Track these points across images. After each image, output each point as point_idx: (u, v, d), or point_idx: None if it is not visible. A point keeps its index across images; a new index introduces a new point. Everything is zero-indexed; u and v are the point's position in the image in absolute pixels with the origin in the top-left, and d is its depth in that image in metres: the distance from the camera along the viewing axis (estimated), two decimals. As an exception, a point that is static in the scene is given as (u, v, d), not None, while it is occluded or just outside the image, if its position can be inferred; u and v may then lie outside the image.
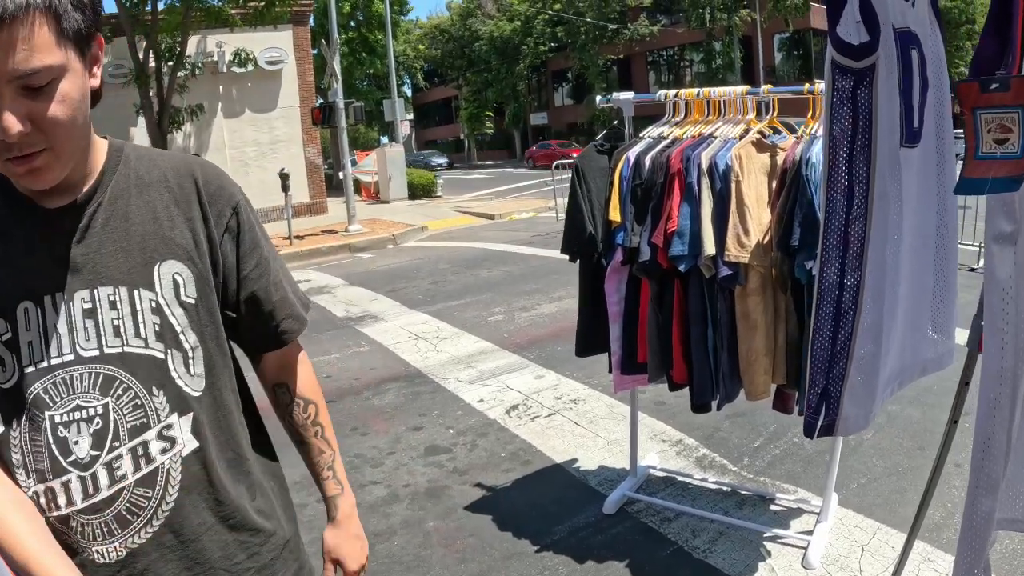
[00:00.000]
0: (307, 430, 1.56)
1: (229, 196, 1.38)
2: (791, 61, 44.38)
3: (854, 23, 1.28)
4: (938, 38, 1.64)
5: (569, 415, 5.15)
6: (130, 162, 1.32)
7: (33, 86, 1.07)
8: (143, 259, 1.26)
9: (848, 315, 1.40)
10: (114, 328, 1.23)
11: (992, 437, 1.24)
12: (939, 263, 1.71)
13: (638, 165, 3.32)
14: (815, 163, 2.93)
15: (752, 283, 3.12)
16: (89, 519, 1.21)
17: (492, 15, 52.65)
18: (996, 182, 1.06)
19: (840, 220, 1.36)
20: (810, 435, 1.54)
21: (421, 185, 25.66)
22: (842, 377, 1.45)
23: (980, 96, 1.05)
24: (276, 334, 1.46)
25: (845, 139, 1.32)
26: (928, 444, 4.27)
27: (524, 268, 10.98)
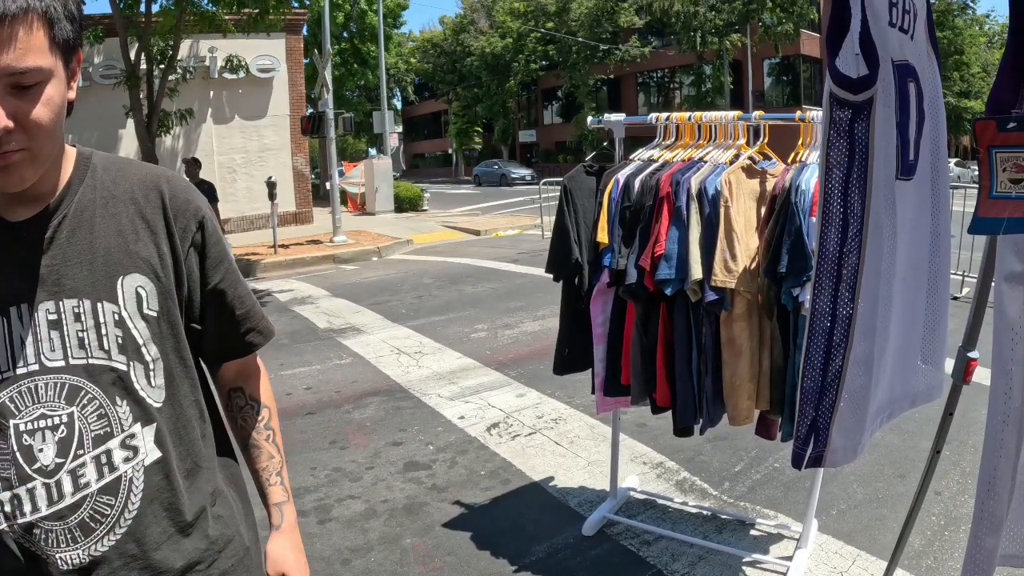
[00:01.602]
0: (260, 433, 1.55)
1: (195, 210, 1.39)
2: (780, 86, 44.76)
3: (853, 56, 1.28)
4: (935, 71, 1.65)
5: (550, 435, 5.13)
6: (97, 173, 1.33)
7: (22, 84, 1.10)
8: (107, 272, 1.28)
9: (840, 347, 1.40)
10: (79, 340, 1.25)
11: (996, 477, 1.25)
12: (931, 295, 1.72)
13: (627, 187, 3.32)
14: (805, 191, 2.94)
15: (738, 309, 3.12)
16: (53, 526, 1.22)
17: (485, 31, 52.84)
18: (1012, 222, 1.06)
19: (834, 252, 1.36)
20: (798, 466, 1.53)
21: (408, 198, 25.67)
22: (831, 409, 1.45)
23: (997, 135, 1.05)
24: (243, 344, 1.49)
25: (841, 171, 1.32)
26: (909, 472, 4.28)
27: (509, 285, 10.97)
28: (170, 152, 18.19)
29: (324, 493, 4.34)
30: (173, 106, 14.38)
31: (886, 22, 1.36)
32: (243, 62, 17.30)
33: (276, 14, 14.12)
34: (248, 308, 1.48)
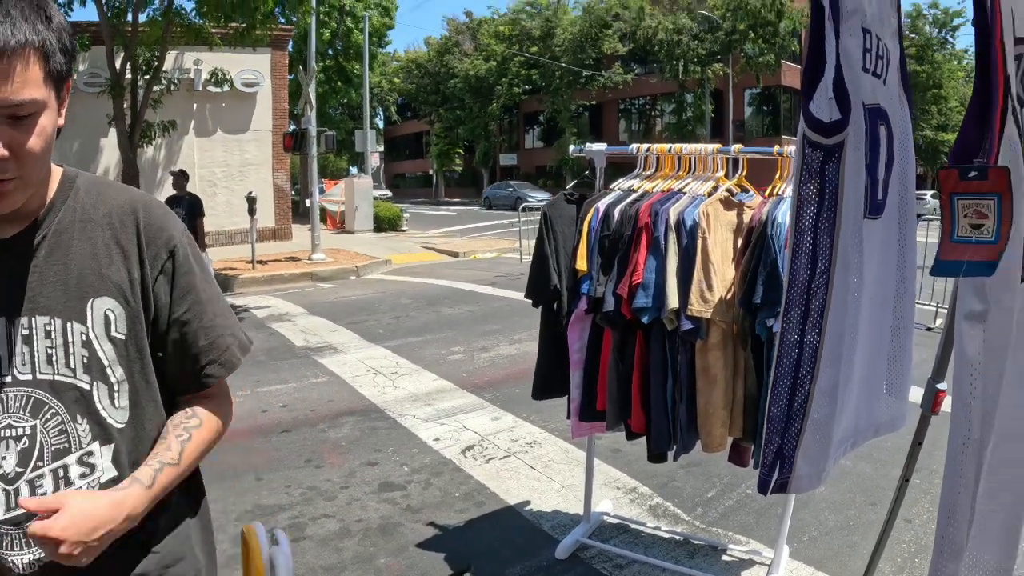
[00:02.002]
0: (175, 427, 1.44)
1: (167, 239, 1.42)
2: (760, 116, 45.34)
3: (827, 99, 1.34)
4: (906, 114, 1.72)
5: (525, 458, 5.16)
6: (79, 195, 1.38)
7: (18, 115, 1.16)
8: (79, 293, 1.33)
9: (806, 378, 1.45)
10: (47, 356, 1.30)
11: (956, 504, 1.31)
12: (896, 328, 1.78)
13: (607, 216, 3.38)
14: (781, 224, 3.01)
15: (713, 338, 3.18)
16: (8, 530, 1.28)
17: (469, 53, 53.14)
18: (971, 265, 1.13)
19: (803, 286, 1.42)
20: (764, 492, 1.59)
21: (387, 218, 25.70)
22: (797, 437, 1.50)
23: (959, 183, 1.11)
24: (197, 378, 1.47)
25: (811, 210, 1.38)
26: (879, 500, 4.34)
27: (486, 308, 11.01)
28: (151, 163, 18.15)
29: (298, 511, 4.34)
30: (156, 117, 14.37)
31: (859, 67, 1.42)
32: (228, 76, 17.33)
33: (263, 29, 14.17)
34: (213, 339, 1.47)
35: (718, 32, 40.08)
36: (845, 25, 1.38)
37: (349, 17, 33.54)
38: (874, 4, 1.57)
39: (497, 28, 51.16)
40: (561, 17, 48.28)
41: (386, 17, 38.79)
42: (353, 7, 33.52)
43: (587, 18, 46.41)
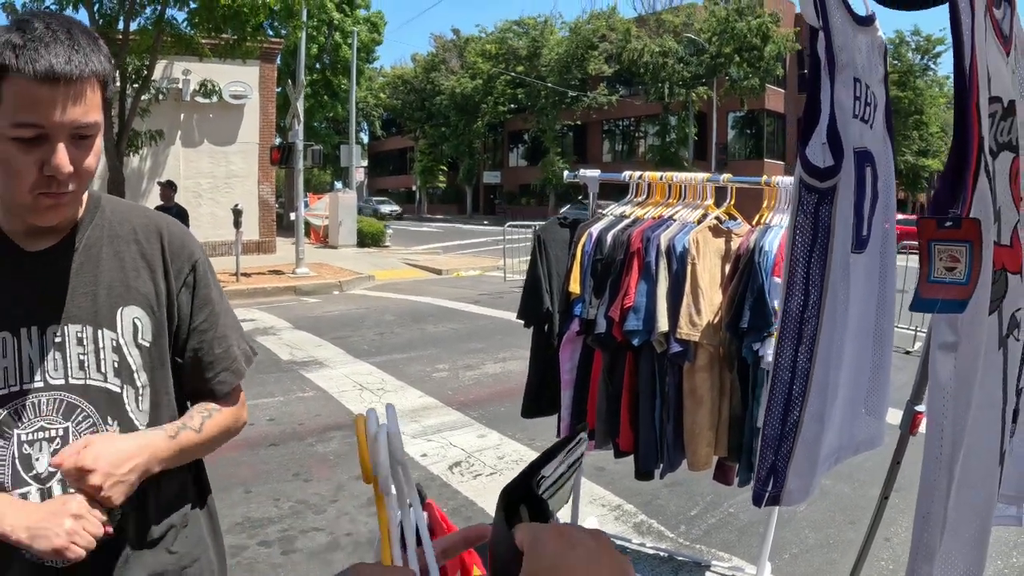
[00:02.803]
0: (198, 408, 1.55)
1: (190, 254, 1.56)
2: (744, 139, 45.83)
3: (820, 145, 1.46)
4: (889, 153, 1.85)
5: (511, 475, 5.20)
6: (105, 213, 1.50)
7: (82, 135, 1.30)
8: (109, 303, 1.43)
9: (797, 401, 1.57)
10: (79, 362, 1.40)
11: (930, 513, 1.43)
12: (876, 353, 1.91)
13: (600, 241, 3.49)
14: (768, 252, 3.13)
15: (700, 360, 3.29)
16: None
17: (455, 71, 53.40)
18: (945, 303, 1.26)
19: (796, 316, 1.54)
20: (759, 504, 1.70)
21: (370, 234, 25.75)
22: (789, 454, 1.62)
23: (936, 231, 1.25)
24: (210, 385, 1.58)
25: (805, 248, 1.50)
26: (858, 518, 4.46)
27: (470, 326, 11.09)
28: (136, 173, 18.16)
29: (288, 524, 4.40)
30: (144, 126, 14.41)
31: (850, 115, 1.54)
32: (217, 87, 17.40)
33: (253, 41, 14.28)
34: (223, 350, 1.58)
35: (703, 55, 40.54)
36: (839, 77, 1.49)
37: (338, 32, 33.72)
38: (863, 54, 1.69)
39: (484, 46, 51.46)
40: (548, 37, 48.68)
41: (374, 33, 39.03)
42: (342, 22, 33.72)
43: (574, 39, 46.82)
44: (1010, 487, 1.75)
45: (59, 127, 1.25)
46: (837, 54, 1.50)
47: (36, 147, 1.26)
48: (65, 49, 1.24)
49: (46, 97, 1.23)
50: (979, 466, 1.45)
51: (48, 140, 1.26)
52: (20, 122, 1.23)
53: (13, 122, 1.23)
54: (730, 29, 39.27)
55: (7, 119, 1.24)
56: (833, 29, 1.51)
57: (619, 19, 46.20)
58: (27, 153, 1.26)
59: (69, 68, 1.23)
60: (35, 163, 1.26)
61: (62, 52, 1.23)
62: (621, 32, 44.38)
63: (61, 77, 1.23)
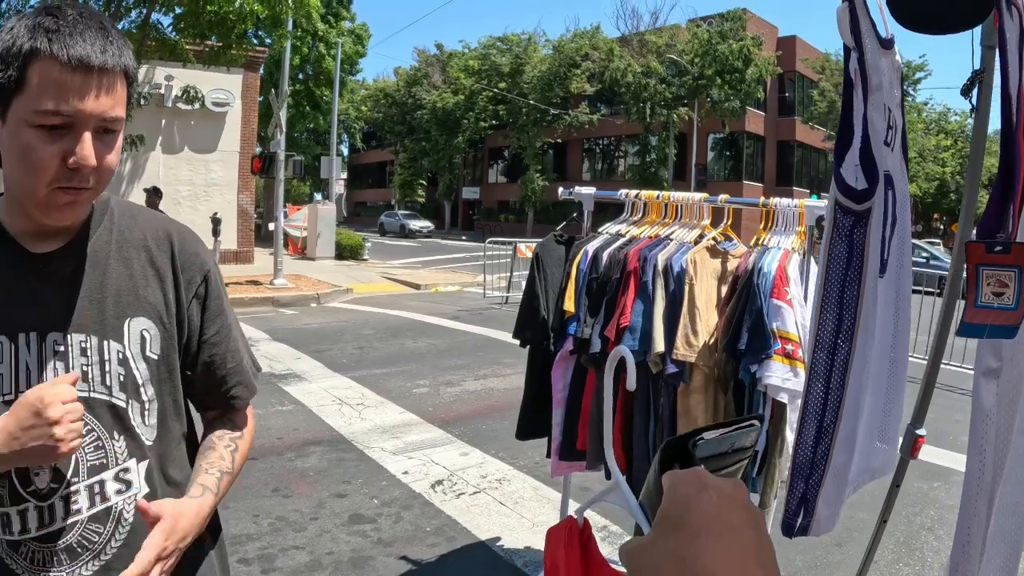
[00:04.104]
0: (221, 440, 1.52)
1: (201, 264, 1.49)
2: (723, 161, 46.11)
3: (853, 166, 1.42)
4: (904, 178, 1.82)
5: (494, 494, 5.16)
6: (114, 217, 1.42)
7: (108, 129, 1.25)
8: (116, 312, 1.35)
9: (829, 428, 1.53)
10: (82, 373, 1.31)
11: (969, 541, 1.39)
12: (891, 380, 1.87)
13: (595, 259, 3.44)
14: (766, 273, 3.09)
15: (696, 381, 3.24)
16: (40, 547, 1.29)
17: (438, 85, 53.42)
18: (994, 329, 1.23)
19: (830, 342, 1.49)
20: (789, 535, 1.66)
21: (349, 246, 25.62)
22: (819, 484, 1.57)
23: (984, 256, 1.21)
24: (226, 399, 1.54)
25: (839, 270, 1.46)
26: (845, 541, 4.43)
27: (449, 342, 11.01)
28: (116, 178, 17.78)
29: (267, 542, 4.29)
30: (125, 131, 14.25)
31: (882, 141, 1.51)
32: (200, 94, 17.25)
33: (238, 49, 14.17)
34: (235, 365, 1.53)
35: (685, 76, 40.80)
36: (872, 98, 1.46)
37: (322, 43, 33.65)
38: (886, 77, 1.66)
39: (467, 62, 51.53)
40: (531, 54, 48.79)
41: (358, 45, 39.00)
42: (327, 33, 33.65)
43: (557, 57, 46.99)
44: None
45: (87, 117, 1.21)
46: (870, 75, 1.47)
47: (60, 137, 1.20)
48: (100, 39, 1.21)
49: (77, 85, 1.18)
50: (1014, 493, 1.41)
51: (73, 130, 1.21)
52: (46, 109, 1.18)
53: (38, 108, 1.18)
54: (712, 51, 39.56)
55: (31, 105, 1.18)
56: (866, 50, 1.48)
57: (602, 38, 46.44)
58: (50, 143, 1.20)
59: (104, 58, 1.20)
60: (57, 154, 1.20)
61: (98, 41, 1.20)
62: (604, 51, 44.61)
63: (95, 66, 1.19)
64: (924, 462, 5.47)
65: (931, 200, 53.33)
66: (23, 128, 1.19)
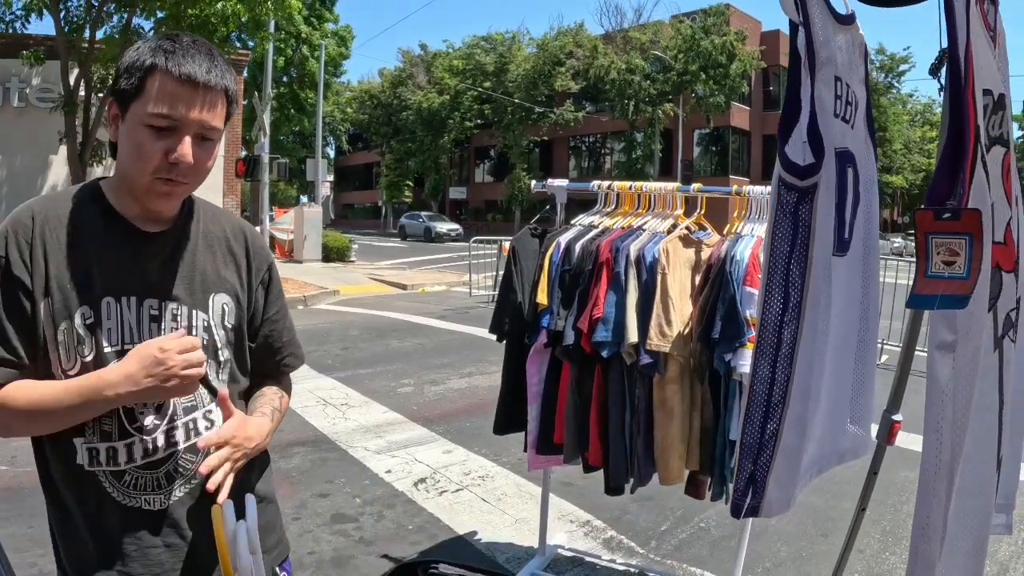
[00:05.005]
0: (272, 392, 1.82)
1: (267, 256, 1.84)
2: (709, 156, 46.20)
3: (801, 143, 1.40)
4: (871, 157, 1.80)
5: (477, 491, 5.14)
6: (201, 214, 1.72)
7: (205, 137, 1.53)
8: (203, 288, 1.65)
9: (777, 409, 1.51)
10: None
11: (929, 523, 1.38)
12: (859, 362, 1.85)
13: (568, 251, 3.42)
14: (739, 261, 3.09)
15: (671, 372, 3.23)
16: (143, 473, 1.56)
17: (423, 86, 53.35)
18: (944, 299, 1.21)
19: (775, 322, 1.47)
20: (737, 515, 1.64)
21: (335, 248, 25.49)
22: (768, 464, 1.55)
23: (933, 223, 1.20)
24: (278, 366, 1.87)
25: (784, 248, 1.44)
26: (831, 531, 4.42)
27: (435, 341, 10.99)
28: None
29: (248, 543, 4.26)
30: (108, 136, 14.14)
31: (831, 114, 1.49)
32: (182, 97, 17.16)
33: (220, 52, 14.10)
34: (290, 338, 1.89)
35: (670, 72, 40.86)
36: (820, 74, 1.44)
37: (305, 45, 33.56)
38: (844, 52, 1.65)
39: (451, 62, 51.53)
40: (515, 53, 48.82)
41: (342, 47, 38.95)
42: (310, 35, 33.55)
43: (541, 55, 47.04)
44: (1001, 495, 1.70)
45: (189, 123, 1.49)
46: (818, 50, 1.45)
47: (166, 136, 1.48)
48: (206, 62, 1.50)
49: (183, 95, 1.47)
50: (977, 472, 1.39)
51: (177, 133, 1.48)
52: (157, 112, 1.46)
53: (151, 111, 1.47)
54: (696, 47, 39.66)
55: (145, 108, 1.47)
56: (813, 24, 1.46)
57: (586, 36, 46.52)
58: (157, 140, 1.48)
59: (207, 77, 1.49)
60: (162, 150, 1.48)
61: (203, 63, 1.49)
62: (588, 49, 44.68)
63: (200, 83, 1.47)
64: (910, 451, 5.45)
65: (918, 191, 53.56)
66: (137, 127, 1.48)
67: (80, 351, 1.51)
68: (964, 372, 1.30)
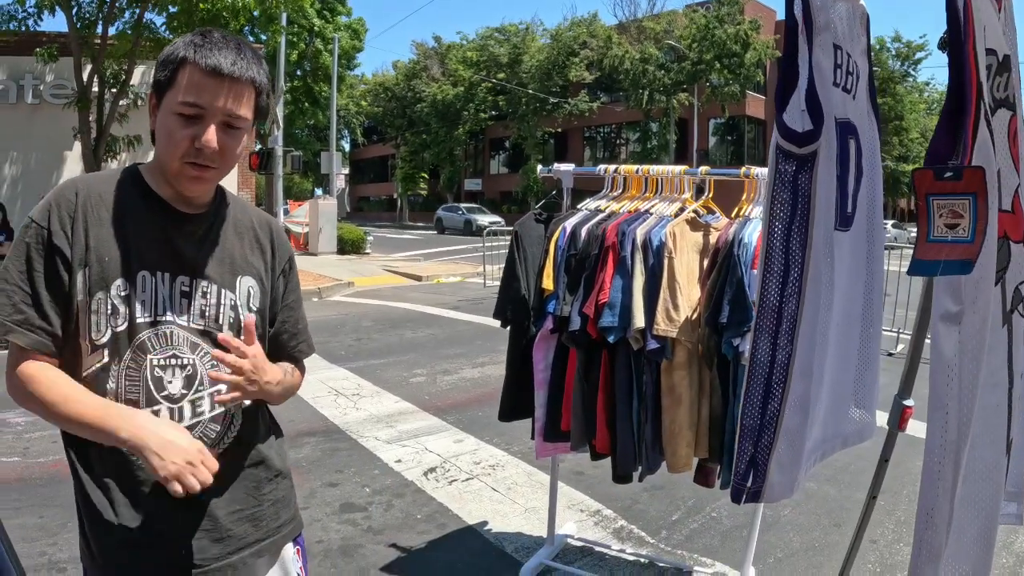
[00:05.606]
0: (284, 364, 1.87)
1: (288, 249, 1.94)
2: (724, 145, 45.90)
3: (799, 111, 1.35)
4: (875, 130, 1.74)
5: (487, 480, 5.11)
6: (229, 202, 1.83)
7: (231, 125, 1.63)
8: (232, 270, 1.75)
9: (778, 388, 1.44)
10: (201, 311, 1.69)
11: (935, 508, 1.31)
12: (863, 342, 1.79)
13: (574, 236, 3.37)
14: (747, 244, 3.03)
15: (679, 357, 3.17)
16: None
17: (437, 78, 53.25)
18: (948, 264, 1.15)
19: (775, 297, 1.41)
20: (737, 500, 1.58)
21: (350, 240, 25.51)
22: (770, 446, 1.49)
23: (934, 183, 1.13)
24: (291, 352, 1.93)
25: (783, 221, 1.38)
26: (844, 521, 4.36)
27: (449, 332, 10.96)
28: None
29: (256, 533, 4.24)
30: (122, 131, 14.14)
31: (831, 82, 1.43)
32: (196, 92, 17.16)
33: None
34: (303, 327, 1.98)
35: (684, 62, 40.58)
36: (817, 40, 1.38)
37: (318, 38, 33.53)
38: (844, 21, 1.58)
39: (465, 53, 51.36)
40: (529, 44, 48.60)
41: (355, 40, 38.88)
42: (323, 28, 33.53)
43: (555, 46, 46.79)
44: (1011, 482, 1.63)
45: (214, 111, 1.58)
46: (815, 15, 1.39)
47: (193, 124, 1.58)
48: (232, 55, 1.59)
49: (210, 86, 1.57)
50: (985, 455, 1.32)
51: (203, 121, 1.58)
52: (185, 101, 1.57)
53: (180, 100, 1.57)
54: (710, 36, 39.34)
55: (176, 97, 1.58)
56: (812, -11, 1.39)
57: (600, 26, 46.22)
58: (185, 127, 1.58)
59: (232, 69, 1.58)
60: (189, 136, 1.58)
61: (229, 56, 1.58)
62: (602, 39, 44.40)
63: (225, 74, 1.57)
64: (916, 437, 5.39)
65: (935, 180, 53.00)
66: (169, 115, 1.59)
67: (113, 321, 1.60)
68: (970, 346, 1.24)
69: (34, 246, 1.57)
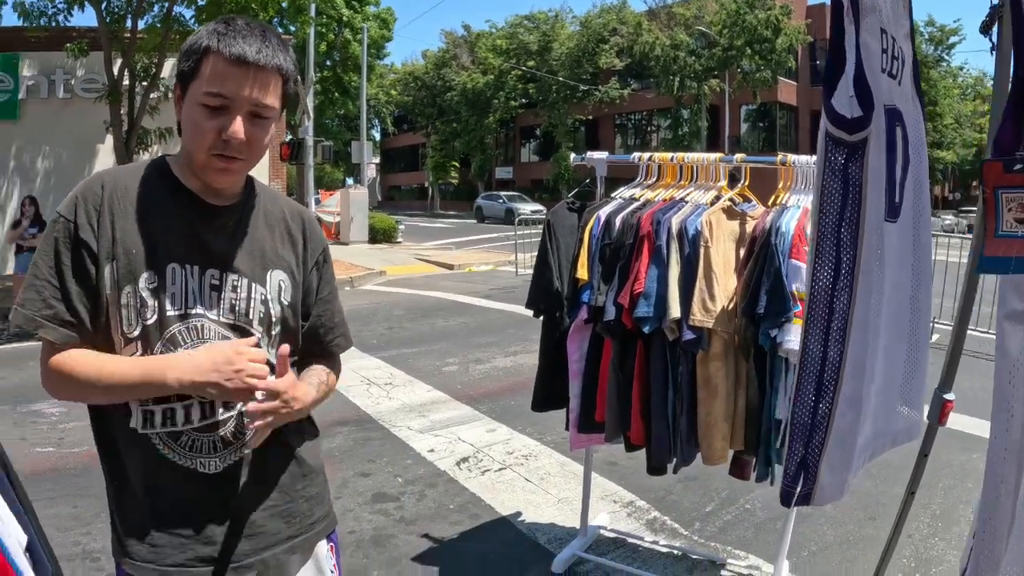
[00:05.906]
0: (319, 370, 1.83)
1: (321, 239, 1.89)
2: (756, 132, 45.44)
3: (847, 97, 1.30)
4: (919, 116, 1.68)
5: (520, 471, 5.09)
6: (262, 194, 1.80)
7: (258, 115, 1.59)
8: (262, 264, 1.71)
9: (829, 386, 1.40)
10: (231, 305, 1.65)
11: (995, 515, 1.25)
12: (912, 338, 1.74)
13: (608, 225, 3.34)
14: (784, 233, 2.97)
15: (715, 348, 3.13)
16: (200, 436, 1.62)
17: (467, 67, 53.17)
18: (1020, 262, 1.09)
19: (826, 291, 1.37)
20: (787, 504, 1.54)
21: (382, 229, 25.58)
22: (821, 447, 1.45)
23: (1003, 176, 1.08)
24: (328, 346, 1.89)
25: (834, 212, 1.33)
26: (879, 515, 4.29)
27: (481, 320, 10.95)
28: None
29: (290, 522, 4.25)
30: (153, 124, 14.24)
31: (879, 67, 1.38)
32: (226, 83, 17.25)
33: (263, 39, 14.12)
34: (339, 320, 1.91)
35: (715, 48, 40.19)
36: (864, 22, 1.33)
37: (347, 28, 33.57)
38: (889, 4, 1.53)
39: (495, 42, 51.24)
40: (559, 31, 48.38)
41: (384, 29, 38.89)
42: (352, 19, 33.55)
43: (584, 33, 46.54)
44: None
45: (240, 101, 1.55)
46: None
47: (219, 115, 1.55)
48: (257, 42, 1.55)
49: (234, 75, 1.53)
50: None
51: (229, 111, 1.55)
52: (210, 91, 1.53)
53: (205, 91, 1.54)
54: (741, 22, 38.91)
55: (201, 88, 1.54)
56: (857, -30, 1.34)
57: (630, 12, 45.87)
58: (211, 118, 1.55)
59: (257, 57, 1.54)
60: (215, 128, 1.54)
61: (254, 44, 1.54)
62: (632, 25, 44.07)
63: (250, 63, 1.53)
64: (963, 432, 5.31)
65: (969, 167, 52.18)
66: (194, 106, 1.55)
67: (143, 314, 1.57)
68: (1039, 344, 1.18)
69: (62, 240, 1.56)
